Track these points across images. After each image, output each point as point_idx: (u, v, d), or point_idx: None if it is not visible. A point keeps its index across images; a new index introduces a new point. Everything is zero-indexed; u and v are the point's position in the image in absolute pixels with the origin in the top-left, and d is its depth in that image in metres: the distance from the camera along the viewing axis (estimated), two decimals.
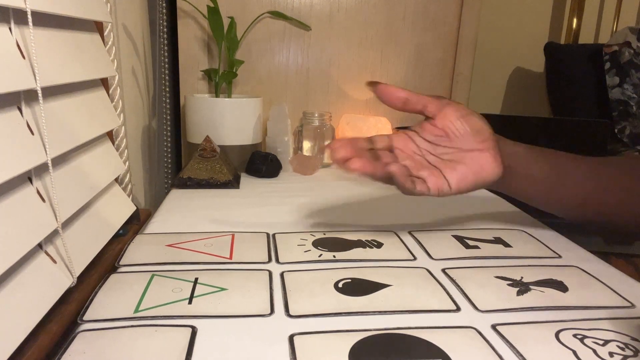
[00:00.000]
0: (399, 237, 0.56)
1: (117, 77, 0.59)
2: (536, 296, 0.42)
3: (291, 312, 0.38)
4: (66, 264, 0.40)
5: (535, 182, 0.50)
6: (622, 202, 0.49)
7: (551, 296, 0.42)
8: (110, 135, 0.59)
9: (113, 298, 0.39)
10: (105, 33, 0.57)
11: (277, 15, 0.96)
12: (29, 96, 0.38)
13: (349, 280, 0.44)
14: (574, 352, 0.33)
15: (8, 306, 0.32)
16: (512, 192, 0.52)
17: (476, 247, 0.53)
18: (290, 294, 0.41)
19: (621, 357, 0.33)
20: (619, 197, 0.49)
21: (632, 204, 0.48)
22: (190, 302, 0.39)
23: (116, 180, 0.59)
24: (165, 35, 0.90)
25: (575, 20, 1.71)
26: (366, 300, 0.40)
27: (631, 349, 0.34)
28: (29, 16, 0.35)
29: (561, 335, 0.36)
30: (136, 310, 0.38)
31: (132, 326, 0.35)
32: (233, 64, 0.90)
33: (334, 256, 0.49)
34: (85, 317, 0.36)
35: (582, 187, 0.50)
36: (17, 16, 0.36)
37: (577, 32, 1.73)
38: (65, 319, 0.38)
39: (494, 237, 0.56)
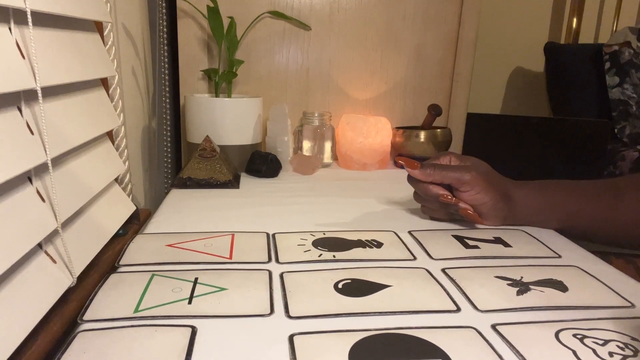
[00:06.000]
0: (399, 237, 0.56)
1: (117, 77, 0.59)
2: (536, 296, 0.42)
3: (291, 313, 0.38)
4: (66, 264, 0.40)
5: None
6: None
7: (551, 296, 0.42)
8: (110, 135, 0.59)
9: (113, 298, 0.39)
10: (105, 33, 0.57)
11: (277, 15, 0.96)
12: (29, 96, 0.38)
13: (349, 280, 0.44)
14: (574, 352, 0.33)
15: (8, 306, 0.32)
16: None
17: (476, 247, 0.53)
18: (290, 294, 0.41)
19: (621, 357, 0.33)
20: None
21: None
22: (190, 302, 0.39)
23: (116, 180, 0.59)
24: (165, 35, 0.90)
25: (575, 20, 1.71)
26: (366, 301, 0.40)
27: (631, 349, 0.34)
28: (29, 16, 0.35)
29: (561, 335, 0.36)
30: (136, 310, 0.38)
31: (132, 326, 0.35)
32: (233, 64, 0.90)
33: (334, 256, 0.49)
34: (85, 317, 0.36)
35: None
36: (17, 16, 0.36)
37: (577, 32, 1.73)
38: (65, 319, 0.38)
39: (494, 237, 0.56)
